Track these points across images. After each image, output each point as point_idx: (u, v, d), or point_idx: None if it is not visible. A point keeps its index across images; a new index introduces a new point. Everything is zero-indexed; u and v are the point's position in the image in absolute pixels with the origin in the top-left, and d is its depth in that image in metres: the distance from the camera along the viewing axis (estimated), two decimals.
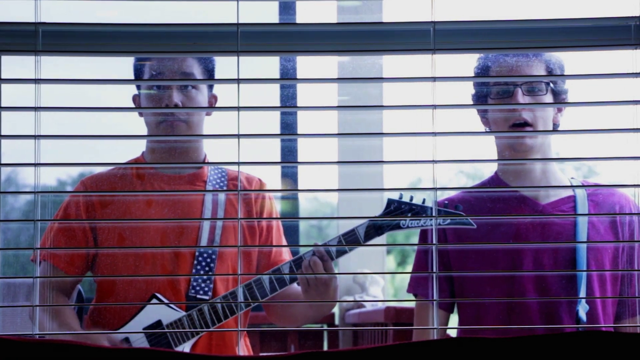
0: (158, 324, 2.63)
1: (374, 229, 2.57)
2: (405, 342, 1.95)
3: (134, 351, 2.00)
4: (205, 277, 2.70)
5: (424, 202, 2.58)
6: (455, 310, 2.68)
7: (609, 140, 2.38)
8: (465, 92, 2.66)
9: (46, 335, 2.53)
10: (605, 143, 2.40)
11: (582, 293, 2.54)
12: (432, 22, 2.25)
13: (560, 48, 2.41)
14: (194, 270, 2.70)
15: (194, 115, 2.74)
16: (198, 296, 2.69)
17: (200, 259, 2.71)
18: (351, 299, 4.56)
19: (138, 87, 2.80)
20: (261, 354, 4.06)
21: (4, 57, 2.26)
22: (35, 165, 2.24)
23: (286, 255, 2.80)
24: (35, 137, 2.23)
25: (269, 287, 2.61)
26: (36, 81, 2.22)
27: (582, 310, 2.54)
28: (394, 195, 2.59)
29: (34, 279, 2.53)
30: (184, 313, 2.63)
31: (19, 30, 2.24)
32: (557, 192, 2.66)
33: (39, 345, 1.92)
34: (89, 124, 2.39)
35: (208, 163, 2.82)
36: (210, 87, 2.79)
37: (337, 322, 4.68)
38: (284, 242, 2.86)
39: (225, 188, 2.80)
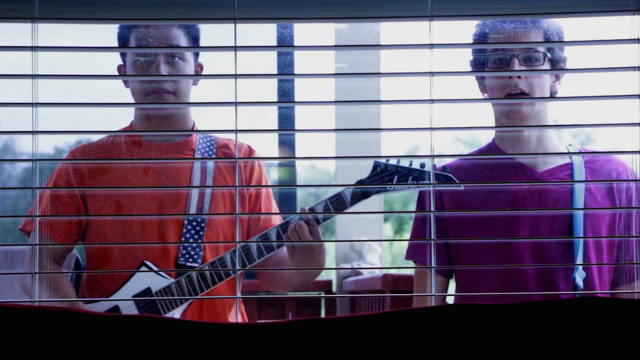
0: (147, 291, 2.64)
1: (361, 192, 2.58)
2: (402, 308, 1.96)
3: (130, 318, 2.00)
4: (195, 244, 2.70)
5: (410, 164, 2.56)
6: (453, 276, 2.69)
7: (607, 107, 2.38)
8: (463, 59, 2.65)
9: (44, 303, 2.53)
10: (603, 110, 2.40)
11: (579, 260, 2.54)
12: None
13: (559, 14, 2.41)
14: (183, 238, 2.70)
15: (181, 84, 2.72)
16: (188, 263, 2.69)
17: (189, 226, 2.71)
18: (349, 266, 4.58)
19: (122, 57, 2.78)
20: (259, 321, 4.08)
21: (0, 24, 2.25)
22: (33, 133, 2.24)
23: (276, 220, 2.80)
24: (32, 104, 2.23)
25: (256, 252, 2.61)
26: (33, 48, 2.22)
27: (579, 277, 2.54)
28: (381, 158, 2.59)
29: (33, 247, 2.54)
30: (173, 280, 2.64)
31: None
32: (554, 159, 2.65)
33: (39, 312, 1.93)
34: (85, 91, 2.38)
35: (205, 131, 2.80)
36: (196, 56, 2.77)
37: (334, 289, 4.70)
38: (274, 208, 2.86)
39: (214, 156, 2.80)
